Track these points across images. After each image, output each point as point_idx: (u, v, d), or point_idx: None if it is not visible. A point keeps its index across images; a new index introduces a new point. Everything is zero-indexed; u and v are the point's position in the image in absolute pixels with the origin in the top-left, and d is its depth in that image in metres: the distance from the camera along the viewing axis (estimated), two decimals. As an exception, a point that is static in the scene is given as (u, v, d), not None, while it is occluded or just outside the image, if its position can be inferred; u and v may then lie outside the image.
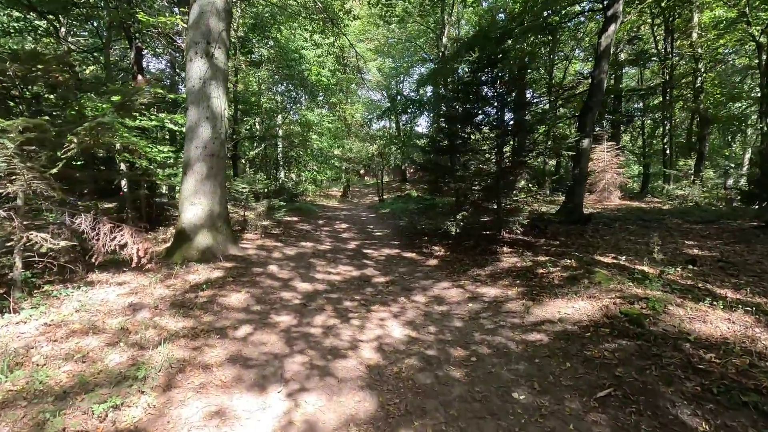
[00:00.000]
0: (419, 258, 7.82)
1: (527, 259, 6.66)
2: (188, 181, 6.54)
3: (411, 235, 10.46)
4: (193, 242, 6.42)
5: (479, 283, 5.89)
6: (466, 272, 6.55)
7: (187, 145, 6.59)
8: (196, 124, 6.53)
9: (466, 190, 7.93)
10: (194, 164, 6.52)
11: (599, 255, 6.54)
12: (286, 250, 8.00)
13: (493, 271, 6.35)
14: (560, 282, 5.26)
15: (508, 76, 8.24)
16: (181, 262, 6.15)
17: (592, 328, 3.88)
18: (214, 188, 6.68)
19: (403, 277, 6.45)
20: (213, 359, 3.34)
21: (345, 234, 11.03)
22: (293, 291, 5.44)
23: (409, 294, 5.56)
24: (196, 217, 6.50)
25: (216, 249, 6.61)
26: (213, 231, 6.65)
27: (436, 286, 5.94)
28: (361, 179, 36.91)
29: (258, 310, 4.59)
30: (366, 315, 4.69)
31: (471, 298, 5.28)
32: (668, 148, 21.15)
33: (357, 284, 6.00)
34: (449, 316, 4.73)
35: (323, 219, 14.63)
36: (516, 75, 8.02)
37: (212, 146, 6.61)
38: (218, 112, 6.68)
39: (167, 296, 4.67)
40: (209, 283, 5.29)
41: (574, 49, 23.75)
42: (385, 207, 18.99)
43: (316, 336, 4.05)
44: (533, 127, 7.77)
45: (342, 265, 7.16)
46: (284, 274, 6.24)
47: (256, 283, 5.54)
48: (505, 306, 4.86)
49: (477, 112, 8.57)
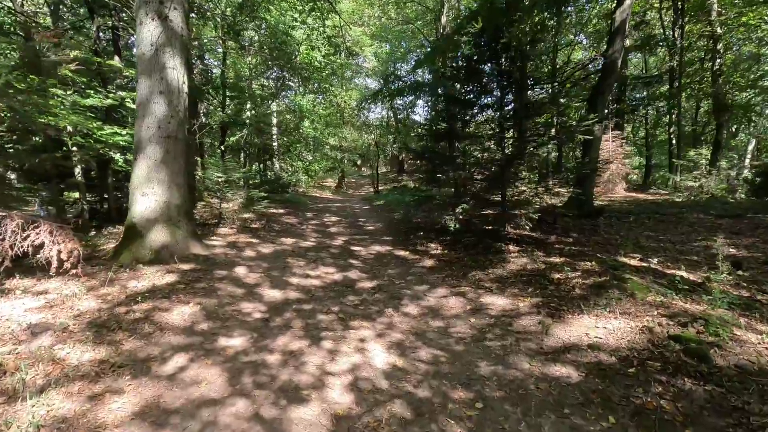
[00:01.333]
0: (413, 257, 6.85)
1: (539, 260, 5.70)
2: (139, 167, 5.52)
3: (405, 230, 9.49)
4: (144, 240, 5.43)
5: (483, 290, 4.93)
6: (466, 275, 5.59)
7: (138, 124, 5.56)
8: (147, 99, 5.49)
9: (466, 180, 6.94)
10: (146, 147, 5.49)
11: (623, 256, 5.58)
12: (262, 248, 7.02)
13: (500, 275, 5.38)
14: (583, 291, 4.30)
15: (515, 50, 7.20)
16: (129, 263, 5.17)
17: (636, 361, 2.93)
18: (172, 176, 5.66)
19: (393, 282, 5.49)
20: (113, 415, 2.36)
21: (333, 228, 10.05)
22: (257, 301, 4.47)
23: (398, 304, 4.60)
24: (149, 210, 5.49)
25: (174, 248, 5.62)
26: (170, 226, 5.65)
27: (432, 293, 4.97)
28: (357, 170, 35.85)
29: (204, 329, 3.62)
30: (342, 334, 3.73)
31: (474, 311, 4.32)
32: (674, 138, 20.17)
33: (337, 291, 5.04)
34: (447, 335, 3.77)
35: (313, 211, 13.63)
36: (526, 47, 6.97)
37: (168, 126, 5.58)
38: (175, 85, 5.64)
39: (91, 312, 3.69)
40: (153, 291, 4.31)
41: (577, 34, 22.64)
42: (380, 198, 18.01)
43: (273, 367, 3.09)
44: (544, 108, 6.76)
45: (324, 266, 6.19)
46: (252, 278, 5.26)
47: (213, 291, 4.56)
48: (516, 323, 3.90)
49: (480, 92, 7.55)
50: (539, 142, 6.82)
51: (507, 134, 6.96)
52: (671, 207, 11.18)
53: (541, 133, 6.89)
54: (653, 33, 20.33)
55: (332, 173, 28.42)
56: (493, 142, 7.02)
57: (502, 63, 7.41)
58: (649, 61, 25.70)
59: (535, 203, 6.44)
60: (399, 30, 24.74)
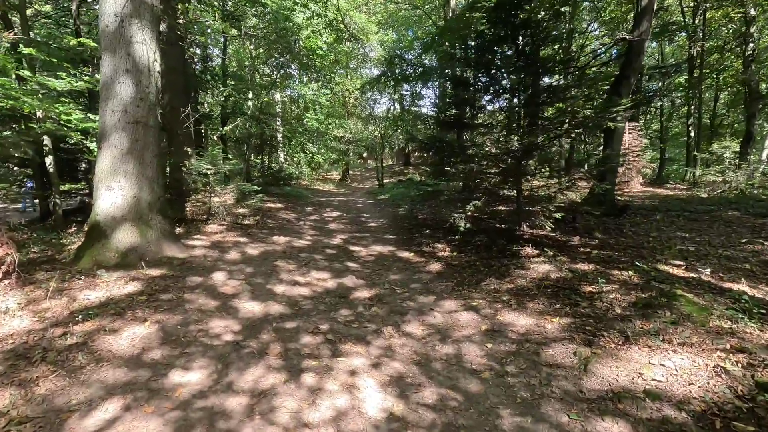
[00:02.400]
0: (418, 260, 6.11)
1: (563, 267, 4.92)
2: (103, 158, 4.81)
3: (410, 228, 8.74)
4: (109, 241, 4.73)
5: (500, 304, 4.17)
6: (479, 284, 4.83)
7: (102, 109, 4.83)
8: (111, 79, 4.76)
9: (478, 173, 6.15)
10: (110, 134, 4.77)
11: (664, 263, 4.78)
12: (249, 249, 6.31)
13: (519, 286, 4.61)
14: (625, 311, 3.53)
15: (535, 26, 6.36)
16: (90, 268, 4.48)
17: (719, 422, 2.17)
18: (142, 168, 4.95)
19: (395, 290, 4.75)
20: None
21: (332, 225, 9.32)
22: (231, 317, 3.75)
23: (399, 320, 3.86)
24: (115, 207, 4.79)
25: (144, 250, 4.92)
26: (140, 225, 4.95)
27: (439, 306, 4.23)
28: (363, 163, 35.04)
29: (156, 359, 2.91)
30: (329, 363, 3.01)
31: (490, 332, 3.57)
32: (693, 130, 19.13)
33: (329, 302, 4.31)
34: (458, 365, 3.04)
35: (313, 206, 12.91)
36: (548, 24, 6.12)
37: (136, 110, 4.85)
38: (144, 63, 4.90)
39: (19, 334, 3.00)
40: (106, 305, 3.61)
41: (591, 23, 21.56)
42: (384, 193, 17.26)
43: (233, 416, 2.38)
44: (567, 93, 5.92)
45: (316, 270, 5.46)
46: (230, 286, 4.55)
47: (180, 305, 3.85)
48: (545, 352, 3.14)
49: (493, 76, 6.72)
50: (560, 132, 6.00)
51: (523, 122, 6.15)
52: (699, 203, 10.30)
53: (564, 121, 6.06)
54: (672, 20, 19.24)
55: (336, 166, 27.66)
56: (506, 131, 6.21)
57: (520, 43, 6.58)
58: (665, 50, 24.50)
59: (557, 200, 5.64)
60: (406, 15, 23.78)
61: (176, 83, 10.88)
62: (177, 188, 8.38)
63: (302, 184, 20.93)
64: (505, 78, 6.65)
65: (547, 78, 8.38)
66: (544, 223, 5.58)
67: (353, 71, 25.60)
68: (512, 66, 6.28)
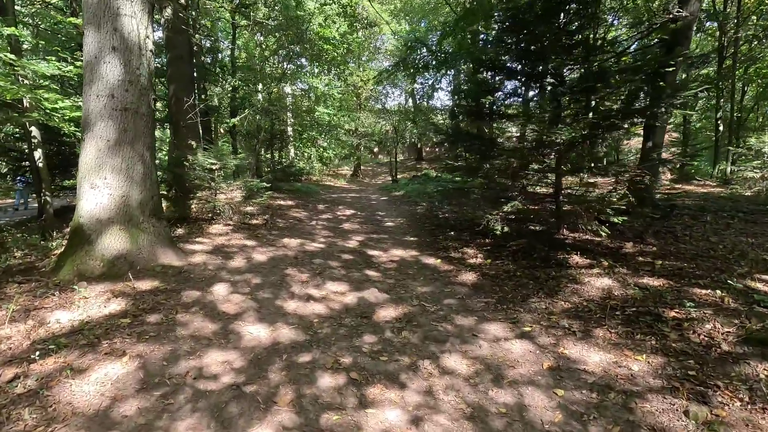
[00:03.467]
0: (447, 268, 5.35)
1: (627, 281, 4.12)
2: (87, 151, 4.14)
3: (432, 228, 7.98)
4: (94, 247, 4.07)
5: (559, 329, 3.40)
6: (526, 301, 4.07)
7: (85, 93, 4.15)
8: (96, 58, 4.07)
9: (516, 170, 5.34)
10: (95, 123, 4.09)
11: (749, 277, 3.94)
12: (257, 254, 5.62)
13: (576, 304, 3.84)
14: (735, 348, 2.74)
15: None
16: (71, 279, 3.83)
17: None
18: (132, 162, 4.26)
19: (425, 308, 4.01)
20: None
21: (347, 224, 8.61)
22: (231, 347, 3.05)
23: (438, 350, 3.13)
24: (101, 208, 4.12)
25: (136, 257, 4.25)
26: (130, 229, 4.27)
27: (483, 331, 3.48)
28: (374, 157, 34.27)
29: (129, 415, 2.21)
30: (356, 418, 2.29)
31: (557, 372, 2.81)
32: (721, 124, 17.98)
33: (350, 324, 3.59)
34: (526, 424, 2.29)
35: (325, 203, 12.22)
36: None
37: (125, 95, 4.16)
38: (134, 40, 4.20)
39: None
40: (79, 332, 2.94)
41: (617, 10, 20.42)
42: (399, 188, 16.49)
43: None
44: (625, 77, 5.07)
45: (332, 280, 4.74)
46: (233, 303, 3.85)
47: (170, 330, 3.16)
48: (640, 408, 2.37)
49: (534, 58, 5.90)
50: (616, 122, 5.17)
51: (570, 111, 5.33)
52: (748, 203, 9.38)
53: (619, 110, 5.23)
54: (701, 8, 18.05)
55: (348, 161, 26.94)
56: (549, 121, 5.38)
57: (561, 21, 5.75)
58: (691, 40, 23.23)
59: (614, 201, 4.82)
60: (420, 4, 22.84)
61: (182, 73, 10.21)
62: (180, 185, 7.74)
63: (313, 179, 20.28)
64: (545, 61, 5.82)
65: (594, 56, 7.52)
66: (598, 229, 4.77)
67: (365, 63, 24.80)
68: (558, 46, 5.44)
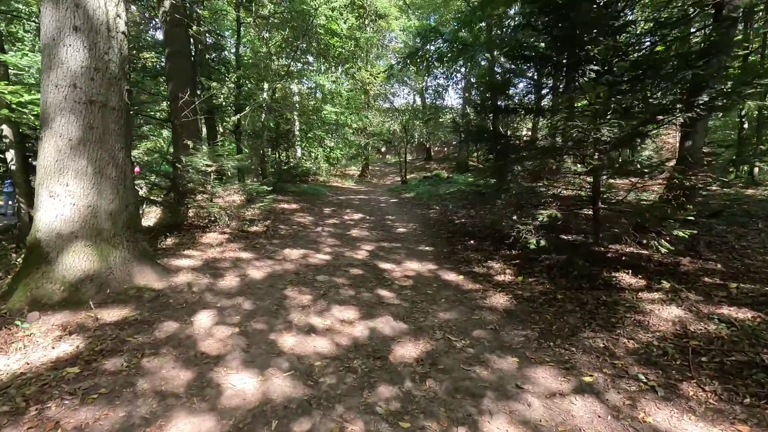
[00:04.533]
0: (472, 287, 4.59)
1: (702, 311, 3.33)
2: (46, 152, 3.45)
3: (448, 236, 7.22)
4: (54, 267, 3.38)
5: (631, 380, 2.63)
6: (577, 335, 3.30)
7: (43, 82, 3.46)
8: (54, 40, 3.38)
9: (556, 170, 4.57)
10: (54, 118, 3.41)
11: None
12: (252, 269, 4.90)
13: (645, 343, 3.05)
14: None
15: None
16: (23, 307, 3.15)
17: None
18: (100, 165, 3.57)
19: (452, 344, 3.26)
20: None
21: (355, 230, 7.88)
22: (205, 411, 2.32)
23: (474, 411, 2.37)
24: (62, 220, 3.43)
25: (105, 278, 3.56)
26: (100, 244, 3.58)
27: (530, 379, 2.72)
28: (381, 157, 33.56)
29: None
30: None
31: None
32: (746, 121, 16.95)
33: (360, 370, 2.84)
34: None
35: (332, 206, 11.50)
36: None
37: (89, 85, 3.47)
38: (100, 18, 3.50)
39: None
40: (4, 392, 2.24)
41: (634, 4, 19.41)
42: (408, 190, 15.73)
43: None
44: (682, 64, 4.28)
45: (339, 304, 4.01)
46: (216, 339, 3.13)
47: (128, 384, 2.45)
48: None
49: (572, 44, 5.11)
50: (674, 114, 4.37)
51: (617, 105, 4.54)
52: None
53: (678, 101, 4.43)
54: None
55: (355, 161, 26.22)
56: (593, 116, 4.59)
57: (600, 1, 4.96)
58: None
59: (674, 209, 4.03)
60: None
61: (181, 68, 9.57)
62: (175, 188, 7.09)
63: (320, 180, 19.61)
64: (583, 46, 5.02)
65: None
66: (656, 243, 3.98)
67: (373, 60, 24.07)
68: (601, 31, 4.65)
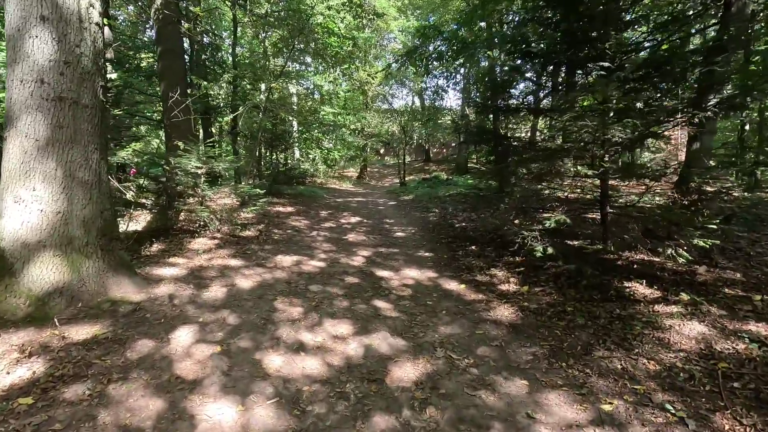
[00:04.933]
0: (474, 297, 4.31)
1: (727, 327, 3.05)
2: (11, 153, 3.16)
3: (449, 241, 6.94)
4: (19, 279, 3.08)
5: (656, 410, 2.34)
6: (591, 354, 3.02)
7: (8, 77, 3.17)
8: (19, 31, 3.09)
9: (564, 173, 4.29)
10: (20, 116, 3.11)
11: None
12: (241, 278, 4.61)
13: (668, 365, 2.76)
14: None
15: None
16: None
17: None
18: (71, 168, 3.28)
19: (455, 363, 2.97)
20: None
21: (352, 235, 7.59)
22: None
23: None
24: (28, 228, 3.14)
25: (77, 291, 3.27)
26: (71, 254, 3.29)
27: (542, 407, 2.43)
28: (380, 159, 33.31)
29: None
30: None
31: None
32: (747, 123, 16.76)
33: (353, 395, 2.55)
34: None
35: (329, 209, 11.20)
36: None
37: (58, 80, 3.18)
38: (71, 7, 3.21)
39: None
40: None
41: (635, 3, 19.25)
42: (407, 192, 15.46)
43: None
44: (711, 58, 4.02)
45: (332, 317, 3.72)
46: (194, 361, 2.83)
47: (87, 419, 2.14)
48: None
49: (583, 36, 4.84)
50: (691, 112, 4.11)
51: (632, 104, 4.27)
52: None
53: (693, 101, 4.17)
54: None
55: (353, 162, 25.97)
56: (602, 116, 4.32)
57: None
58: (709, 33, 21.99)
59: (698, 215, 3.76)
60: None
61: (173, 67, 9.31)
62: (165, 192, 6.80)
63: (317, 182, 19.34)
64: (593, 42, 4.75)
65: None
66: (674, 253, 3.70)
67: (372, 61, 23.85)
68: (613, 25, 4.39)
